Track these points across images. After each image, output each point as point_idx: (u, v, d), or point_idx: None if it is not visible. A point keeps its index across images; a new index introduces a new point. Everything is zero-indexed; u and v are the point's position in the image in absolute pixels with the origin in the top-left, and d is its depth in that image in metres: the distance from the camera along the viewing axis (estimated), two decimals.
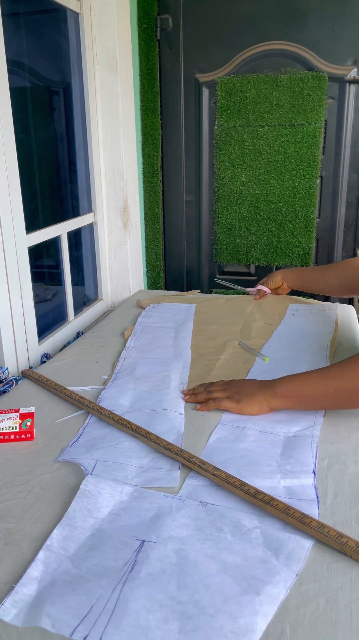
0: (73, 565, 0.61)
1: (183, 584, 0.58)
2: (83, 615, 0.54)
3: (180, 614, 0.54)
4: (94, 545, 0.64)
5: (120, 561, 0.61)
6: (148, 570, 0.60)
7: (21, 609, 0.56)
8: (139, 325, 1.45)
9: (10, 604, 0.56)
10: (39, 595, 0.57)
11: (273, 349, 1.27)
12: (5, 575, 0.61)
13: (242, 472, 0.78)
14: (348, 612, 0.56)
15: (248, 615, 0.54)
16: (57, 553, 0.63)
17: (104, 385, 1.10)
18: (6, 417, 0.89)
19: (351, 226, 2.03)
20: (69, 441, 0.89)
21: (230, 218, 2.07)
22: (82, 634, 0.52)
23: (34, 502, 0.74)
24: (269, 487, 0.75)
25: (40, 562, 0.62)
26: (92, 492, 0.73)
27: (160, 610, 0.55)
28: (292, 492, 0.74)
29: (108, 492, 0.73)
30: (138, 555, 0.62)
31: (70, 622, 0.53)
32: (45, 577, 0.59)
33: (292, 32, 1.84)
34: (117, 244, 1.87)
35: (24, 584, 0.58)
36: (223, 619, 0.54)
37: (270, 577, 0.59)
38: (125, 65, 1.74)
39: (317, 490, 0.75)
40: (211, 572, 0.60)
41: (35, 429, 0.92)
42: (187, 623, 0.53)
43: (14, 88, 1.22)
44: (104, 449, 0.85)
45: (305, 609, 0.56)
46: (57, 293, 1.65)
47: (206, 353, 1.26)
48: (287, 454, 0.84)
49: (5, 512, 0.72)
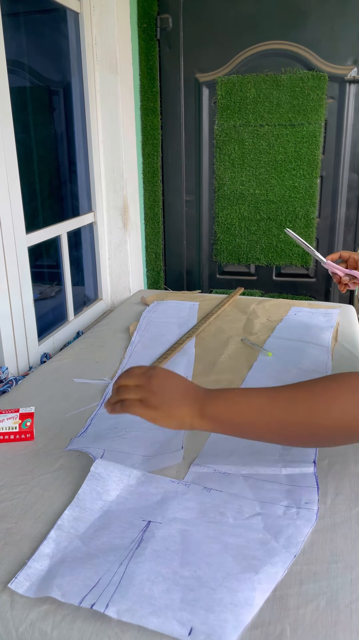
0: (83, 544, 0.64)
1: (186, 561, 0.61)
2: (91, 586, 0.57)
3: (183, 587, 0.57)
4: (103, 525, 0.67)
5: (127, 539, 0.64)
6: (153, 547, 0.63)
7: (33, 582, 0.59)
8: (144, 319, 1.47)
9: (23, 577, 0.59)
10: (50, 570, 0.60)
11: (276, 344, 1.28)
12: (5, 575, 0.61)
13: (246, 461, 0.81)
14: (348, 612, 0.56)
15: (247, 591, 0.56)
16: (67, 532, 0.66)
17: (111, 379, 1.12)
18: (6, 417, 0.89)
19: (351, 226, 2.03)
20: (69, 441, 0.89)
21: (230, 218, 2.07)
22: (89, 601, 0.55)
23: (34, 502, 0.74)
24: (271, 475, 0.77)
25: (51, 539, 0.65)
26: (102, 475, 0.76)
27: (163, 582, 0.57)
28: (293, 479, 0.77)
29: (117, 475, 0.76)
30: (144, 534, 0.65)
31: (79, 592, 0.56)
32: (56, 554, 0.63)
33: (292, 32, 1.84)
34: (117, 244, 1.87)
35: (36, 560, 0.62)
36: (223, 592, 0.56)
37: (269, 558, 0.61)
38: (125, 65, 1.74)
39: (317, 478, 0.76)
40: (214, 552, 0.62)
41: (35, 429, 0.92)
42: (189, 594, 0.56)
43: (14, 88, 1.22)
44: (111, 439, 0.87)
45: (305, 609, 0.56)
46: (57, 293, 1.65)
47: (210, 348, 1.28)
48: None
49: (5, 512, 0.72)
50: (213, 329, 1.41)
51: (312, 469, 0.79)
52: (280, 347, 1.26)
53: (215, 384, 1.08)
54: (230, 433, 0.71)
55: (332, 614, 0.55)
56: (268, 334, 1.35)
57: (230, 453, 0.83)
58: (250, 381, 1.10)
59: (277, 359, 1.20)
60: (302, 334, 1.33)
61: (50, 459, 0.84)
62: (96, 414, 0.98)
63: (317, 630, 0.54)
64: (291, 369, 1.15)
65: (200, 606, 0.54)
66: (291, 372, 1.13)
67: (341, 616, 0.55)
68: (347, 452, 0.84)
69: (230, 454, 0.83)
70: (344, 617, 0.55)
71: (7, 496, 0.75)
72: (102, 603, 0.54)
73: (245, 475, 0.77)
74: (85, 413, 0.99)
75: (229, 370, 1.15)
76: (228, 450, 0.83)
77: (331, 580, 0.59)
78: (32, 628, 0.55)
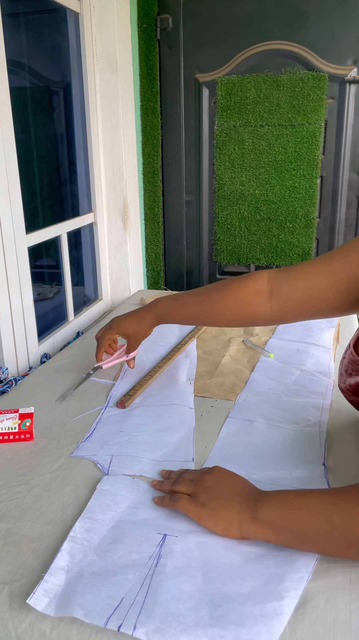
0: (98, 557, 0.63)
1: (209, 577, 0.59)
2: (114, 605, 0.55)
3: (209, 603, 0.56)
4: (116, 537, 0.66)
5: (144, 554, 0.63)
6: (173, 564, 0.61)
7: (52, 598, 0.57)
8: None
9: (41, 592, 0.57)
10: (68, 586, 0.58)
11: (277, 345, 1.28)
12: (5, 575, 0.61)
13: (254, 464, 0.80)
14: (348, 611, 0.56)
15: (275, 600, 0.56)
16: (81, 544, 0.65)
17: (114, 381, 1.12)
18: (5, 417, 0.89)
19: (351, 226, 2.03)
20: (69, 442, 0.89)
21: (230, 218, 2.07)
22: (116, 622, 0.53)
23: (33, 503, 0.74)
24: (281, 478, 0.77)
25: (65, 552, 0.63)
26: (110, 491, 0.75)
27: (189, 600, 0.56)
28: (303, 482, 0.76)
29: (125, 489, 0.75)
30: (161, 549, 0.64)
31: (102, 612, 0.54)
32: (72, 568, 0.61)
33: (292, 32, 1.84)
34: (117, 244, 1.87)
35: (52, 574, 0.60)
36: (250, 605, 0.55)
37: (290, 564, 0.60)
38: (125, 65, 1.74)
39: (328, 481, 0.76)
40: (235, 564, 0.61)
41: (35, 429, 0.92)
42: (217, 610, 0.55)
43: (14, 88, 1.22)
44: (119, 444, 0.87)
45: (304, 609, 0.56)
46: (57, 293, 1.65)
47: (211, 350, 1.28)
48: (297, 447, 0.85)
49: (4, 513, 0.72)
50: (214, 330, 1.41)
51: (323, 471, 0.78)
52: (281, 348, 1.26)
53: (218, 386, 1.09)
54: (287, 543, 0.62)
55: (331, 614, 0.55)
56: (269, 335, 1.35)
57: (238, 457, 0.82)
58: (252, 383, 1.10)
59: (279, 360, 1.20)
60: (303, 335, 1.33)
61: (50, 459, 0.84)
62: (101, 418, 0.97)
63: (316, 630, 0.54)
64: (294, 371, 1.15)
65: (230, 621, 0.53)
66: (293, 374, 1.13)
67: (340, 616, 0.55)
68: (351, 451, 0.84)
69: (239, 458, 0.82)
70: (344, 617, 0.55)
71: (7, 496, 0.75)
72: (129, 624, 0.53)
73: (255, 479, 0.75)
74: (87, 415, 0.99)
75: (232, 372, 1.16)
76: (236, 455, 0.83)
77: (330, 579, 0.59)
78: (31, 628, 0.55)
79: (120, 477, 0.78)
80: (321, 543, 0.60)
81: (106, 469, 0.80)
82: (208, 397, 1.05)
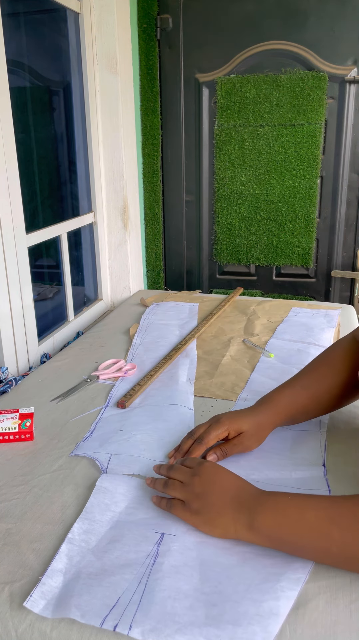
0: (96, 558, 0.63)
1: (206, 576, 0.59)
2: (111, 605, 0.55)
3: (205, 602, 0.56)
4: (114, 537, 0.66)
5: (142, 553, 0.63)
6: (170, 562, 0.61)
7: (49, 600, 0.57)
8: (144, 321, 1.47)
9: (38, 595, 0.57)
10: (65, 587, 0.58)
11: (277, 345, 1.28)
12: (5, 575, 0.61)
13: (253, 465, 0.80)
14: (348, 612, 0.55)
15: (272, 600, 0.56)
16: (79, 546, 0.65)
17: (114, 382, 1.12)
18: (6, 417, 0.89)
19: (351, 226, 2.03)
20: (69, 442, 0.89)
21: (230, 218, 2.07)
22: (112, 622, 0.53)
23: (33, 503, 0.74)
24: (280, 479, 0.77)
25: (63, 554, 0.63)
26: (109, 488, 0.75)
27: (185, 599, 0.56)
28: (304, 483, 0.76)
29: (124, 487, 0.75)
30: (159, 547, 0.64)
31: (99, 612, 0.54)
32: (70, 570, 0.61)
33: (292, 32, 1.84)
34: (117, 244, 1.87)
35: (50, 576, 0.60)
36: (247, 604, 0.55)
37: (288, 564, 0.60)
38: (125, 65, 1.74)
39: (328, 482, 0.76)
40: (232, 563, 0.61)
41: (35, 430, 0.92)
42: (213, 609, 0.55)
43: (14, 88, 1.22)
44: (117, 443, 0.87)
45: (305, 609, 0.56)
46: (57, 293, 1.65)
47: (211, 350, 1.28)
48: (297, 447, 0.85)
49: (4, 513, 0.72)
50: (214, 330, 1.40)
51: (322, 472, 0.78)
52: (281, 348, 1.26)
53: (219, 386, 1.09)
54: (284, 550, 0.61)
55: (332, 614, 0.55)
56: (269, 335, 1.35)
57: (238, 457, 0.82)
58: (253, 383, 1.10)
59: (279, 360, 1.20)
60: (303, 335, 1.33)
61: (50, 459, 0.84)
62: (101, 418, 0.97)
63: (317, 630, 0.54)
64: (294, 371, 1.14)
65: (226, 621, 0.53)
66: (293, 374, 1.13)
67: (340, 616, 0.55)
68: (350, 451, 0.84)
69: (238, 458, 0.82)
70: (344, 617, 0.55)
71: (7, 496, 0.75)
72: (125, 624, 0.53)
73: (254, 480, 0.75)
74: (87, 415, 0.99)
75: (232, 372, 1.15)
76: (235, 455, 0.83)
77: (330, 580, 0.59)
78: (31, 628, 0.55)
79: (119, 475, 0.78)
80: (319, 556, 0.60)
81: (104, 467, 0.80)
82: (208, 397, 1.05)
